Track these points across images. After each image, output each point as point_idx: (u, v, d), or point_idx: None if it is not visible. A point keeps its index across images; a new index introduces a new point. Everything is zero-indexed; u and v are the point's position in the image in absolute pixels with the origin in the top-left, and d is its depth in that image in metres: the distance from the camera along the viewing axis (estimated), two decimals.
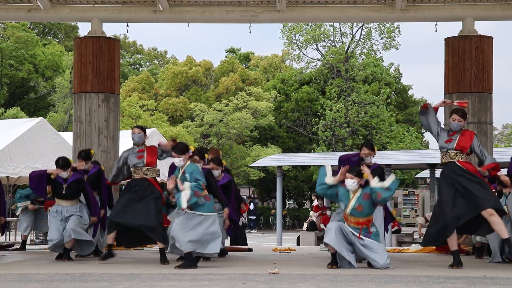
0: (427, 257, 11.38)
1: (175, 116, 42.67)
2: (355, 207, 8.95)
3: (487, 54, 13.17)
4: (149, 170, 9.82)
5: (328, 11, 13.63)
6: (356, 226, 8.95)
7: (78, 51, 13.60)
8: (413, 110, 44.63)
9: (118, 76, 13.77)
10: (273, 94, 41.39)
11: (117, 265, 9.36)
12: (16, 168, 17.82)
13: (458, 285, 7.10)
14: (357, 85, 38.47)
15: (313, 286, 7.00)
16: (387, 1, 13.39)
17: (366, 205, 8.96)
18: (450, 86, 13.31)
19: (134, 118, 38.54)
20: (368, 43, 39.83)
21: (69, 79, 39.74)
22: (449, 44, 13.38)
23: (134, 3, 13.57)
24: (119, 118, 13.84)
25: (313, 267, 9.14)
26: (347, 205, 9.01)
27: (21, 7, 13.71)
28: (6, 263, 9.82)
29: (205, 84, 45.30)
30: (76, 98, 13.65)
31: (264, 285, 7.01)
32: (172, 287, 6.93)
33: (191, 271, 8.43)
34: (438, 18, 13.51)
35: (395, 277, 7.77)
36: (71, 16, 14.26)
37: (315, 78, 40.83)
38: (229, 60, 47.42)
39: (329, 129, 37.96)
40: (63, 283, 7.24)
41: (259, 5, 13.49)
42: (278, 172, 23.65)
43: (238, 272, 8.26)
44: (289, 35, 39.55)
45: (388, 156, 24.71)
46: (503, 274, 8.19)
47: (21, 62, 44.05)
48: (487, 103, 13.16)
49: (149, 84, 45.46)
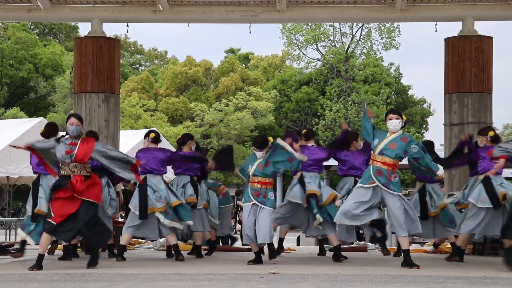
0: (427, 257, 11.39)
1: (175, 116, 42.67)
2: (388, 144, 9.10)
3: (487, 54, 13.17)
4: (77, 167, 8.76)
5: (328, 11, 13.63)
6: (382, 167, 9.05)
7: (78, 51, 13.59)
8: (413, 110, 44.62)
9: (118, 76, 13.77)
10: (273, 94, 41.40)
11: (117, 265, 9.36)
12: (16, 168, 17.83)
13: (458, 285, 7.10)
14: (357, 85, 38.48)
15: (313, 286, 7.01)
16: (387, 1, 13.39)
17: (400, 147, 9.10)
18: (450, 86, 13.31)
19: (134, 118, 38.56)
20: (368, 43, 39.87)
21: (69, 79, 39.77)
22: (449, 44, 13.38)
23: (134, 3, 13.57)
24: (119, 118, 13.84)
25: (313, 267, 9.14)
26: (380, 143, 9.14)
27: (21, 7, 13.70)
28: (6, 263, 9.82)
29: (205, 84, 45.30)
30: (76, 98, 13.65)
31: (264, 285, 7.01)
32: (172, 287, 6.93)
33: (192, 271, 8.43)
34: (438, 18, 13.51)
35: (395, 277, 7.77)
36: (71, 16, 14.26)
37: (315, 78, 40.83)
38: (229, 60, 47.42)
39: (329, 129, 37.97)
40: (63, 283, 7.24)
41: (259, 5, 13.49)
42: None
43: (238, 272, 8.26)
44: (289, 35, 39.56)
45: None
46: (503, 274, 8.19)
47: (21, 62, 44.07)
48: (487, 103, 13.16)
49: (149, 84, 45.47)
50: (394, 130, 9.25)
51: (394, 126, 9.25)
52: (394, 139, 9.18)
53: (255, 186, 9.67)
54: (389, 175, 9.06)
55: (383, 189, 9.05)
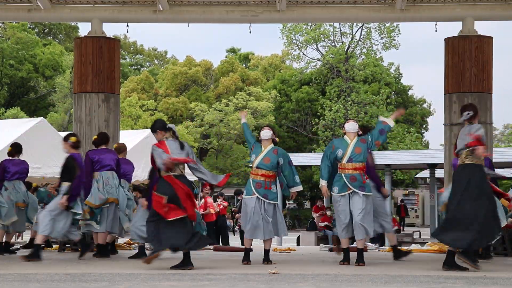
0: (427, 257, 11.38)
1: (175, 116, 42.68)
2: (354, 150, 9.24)
3: (487, 54, 13.17)
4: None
5: (328, 11, 13.63)
6: (354, 173, 9.22)
7: (78, 51, 13.60)
8: (413, 110, 44.64)
9: (118, 76, 13.77)
10: (273, 94, 41.40)
11: (117, 265, 9.36)
12: None
13: (458, 285, 7.10)
14: (357, 85, 38.48)
15: (313, 286, 7.01)
16: (387, 1, 13.39)
17: (364, 149, 9.30)
18: (450, 86, 13.31)
19: (134, 118, 38.56)
20: (368, 43, 39.87)
21: (69, 79, 39.77)
22: (449, 44, 13.38)
23: (134, 3, 13.57)
24: (119, 118, 13.84)
25: (313, 267, 9.14)
26: (345, 152, 9.26)
27: (21, 7, 13.71)
28: (6, 263, 9.82)
29: (205, 84, 45.31)
30: (76, 98, 13.65)
31: (264, 285, 7.01)
32: (172, 287, 6.93)
33: (192, 271, 8.42)
34: (438, 18, 13.51)
35: (395, 277, 7.77)
36: (71, 16, 14.27)
37: (315, 78, 40.83)
38: (229, 60, 47.42)
39: (329, 129, 37.97)
40: (63, 283, 7.24)
41: (259, 5, 13.49)
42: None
43: (238, 272, 8.26)
44: (289, 35, 39.56)
45: (388, 156, 24.73)
46: (503, 274, 8.18)
47: (21, 62, 44.07)
48: (487, 103, 13.16)
49: (149, 84, 45.47)
50: (352, 130, 9.38)
51: (351, 127, 9.39)
52: (357, 143, 9.31)
53: (258, 179, 9.54)
54: (363, 178, 9.27)
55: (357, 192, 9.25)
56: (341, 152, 9.27)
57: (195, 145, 38.81)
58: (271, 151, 9.57)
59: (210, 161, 40.27)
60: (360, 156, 9.26)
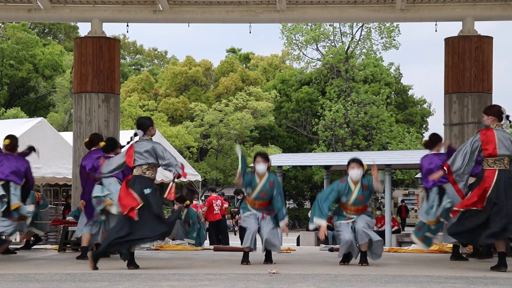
0: (427, 257, 11.38)
1: (175, 116, 42.68)
2: (357, 198, 9.43)
3: (487, 54, 13.18)
4: None
5: (328, 11, 13.63)
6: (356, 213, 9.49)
7: (78, 51, 13.60)
8: (413, 110, 44.65)
9: (118, 76, 13.77)
10: (273, 94, 41.39)
11: (117, 265, 9.36)
12: None
13: (458, 285, 7.10)
14: (357, 85, 38.47)
15: (313, 286, 7.01)
16: (387, 1, 13.39)
17: (367, 195, 9.54)
18: (450, 86, 13.31)
19: (134, 118, 38.53)
20: (368, 43, 39.85)
21: (69, 79, 39.76)
22: (449, 44, 13.39)
23: (134, 3, 13.57)
24: (119, 118, 13.84)
25: (313, 267, 9.14)
26: (349, 199, 9.45)
27: (21, 7, 13.71)
28: (6, 263, 9.82)
29: (205, 84, 45.29)
30: (76, 98, 13.66)
31: (264, 285, 7.01)
32: (172, 287, 6.93)
33: (192, 271, 8.43)
34: (438, 18, 13.51)
35: (395, 277, 7.77)
36: (71, 16, 14.27)
37: (315, 78, 40.83)
38: (229, 60, 47.41)
39: (329, 129, 37.97)
40: (63, 283, 7.24)
41: (259, 5, 13.50)
42: (278, 172, 23.63)
43: (238, 272, 8.26)
44: (289, 35, 39.56)
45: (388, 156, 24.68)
46: (503, 274, 8.19)
47: (21, 62, 44.07)
48: (487, 103, 13.12)
49: (149, 84, 45.46)
50: (355, 179, 9.47)
51: (356, 176, 9.45)
52: (359, 191, 9.44)
53: (256, 207, 9.74)
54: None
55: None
56: (345, 199, 9.51)
57: (195, 145, 38.83)
58: (267, 184, 9.65)
59: (210, 161, 40.26)
60: (362, 202, 9.56)
